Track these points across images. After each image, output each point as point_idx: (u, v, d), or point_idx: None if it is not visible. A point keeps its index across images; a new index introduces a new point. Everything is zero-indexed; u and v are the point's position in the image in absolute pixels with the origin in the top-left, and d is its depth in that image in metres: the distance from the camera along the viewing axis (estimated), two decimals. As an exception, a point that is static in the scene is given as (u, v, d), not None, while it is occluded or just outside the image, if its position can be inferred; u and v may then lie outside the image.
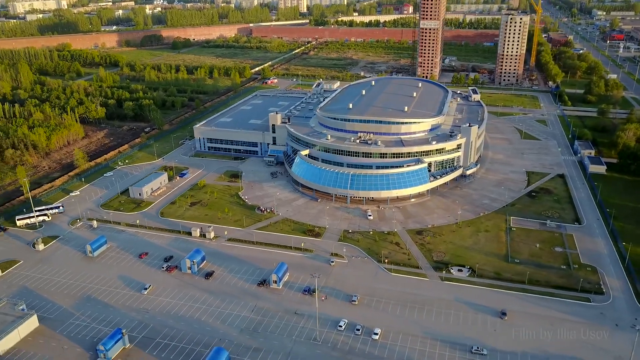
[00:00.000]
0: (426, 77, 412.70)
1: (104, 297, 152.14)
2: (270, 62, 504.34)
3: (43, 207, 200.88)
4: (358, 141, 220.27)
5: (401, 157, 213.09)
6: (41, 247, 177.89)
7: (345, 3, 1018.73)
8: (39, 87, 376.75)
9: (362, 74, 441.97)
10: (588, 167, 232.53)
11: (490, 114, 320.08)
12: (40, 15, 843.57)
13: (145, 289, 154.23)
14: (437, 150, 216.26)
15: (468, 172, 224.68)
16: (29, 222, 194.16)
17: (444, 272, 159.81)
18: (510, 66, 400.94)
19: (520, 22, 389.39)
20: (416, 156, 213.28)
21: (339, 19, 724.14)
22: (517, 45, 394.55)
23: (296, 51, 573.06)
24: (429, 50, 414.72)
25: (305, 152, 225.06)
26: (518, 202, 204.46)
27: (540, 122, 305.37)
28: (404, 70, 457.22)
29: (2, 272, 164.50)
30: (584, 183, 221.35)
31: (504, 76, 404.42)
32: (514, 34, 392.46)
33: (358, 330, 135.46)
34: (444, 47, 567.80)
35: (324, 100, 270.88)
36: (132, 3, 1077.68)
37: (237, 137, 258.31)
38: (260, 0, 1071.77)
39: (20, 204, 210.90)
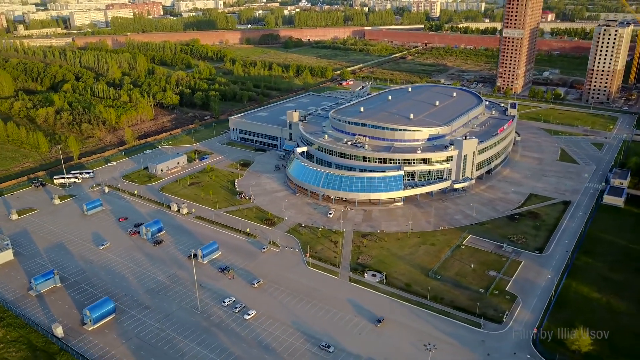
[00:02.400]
0: (504, 89, 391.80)
1: (70, 245, 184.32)
2: (361, 65, 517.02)
3: (76, 171, 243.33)
4: (350, 144, 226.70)
5: (384, 162, 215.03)
6: (57, 201, 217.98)
7: (482, 9, 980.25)
8: (144, 74, 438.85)
9: (442, 81, 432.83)
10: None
11: (544, 132, 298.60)
12: (193, 14, 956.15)
13: (102, 245, 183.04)
14: (422, 159, 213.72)
15: (456, 186, 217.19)
16: (63, 182, 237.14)
17: (351, 273, 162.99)
18: (601, 83, 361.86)
19: (616, 35, 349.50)
20: (399, 163, 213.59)
21: (454, 25, 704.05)
22: (611, 60, 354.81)
23: (395, 55, 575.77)
24: (510, 60, 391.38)
25: (302, 149, 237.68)
26: (491, 223, 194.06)
27: (596, 145, 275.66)
28: (489, 81, 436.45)
29: (19, 216, 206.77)
30: (586, 213, 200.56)
31: (593, 93, 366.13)
32: (608, 47, 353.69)
33: (236, 308, 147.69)
34: (555, 59, 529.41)
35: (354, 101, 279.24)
36: (277, 4, 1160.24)
37: (261, 130, 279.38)
38: (397, 4, 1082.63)
39: (69, 167, 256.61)
